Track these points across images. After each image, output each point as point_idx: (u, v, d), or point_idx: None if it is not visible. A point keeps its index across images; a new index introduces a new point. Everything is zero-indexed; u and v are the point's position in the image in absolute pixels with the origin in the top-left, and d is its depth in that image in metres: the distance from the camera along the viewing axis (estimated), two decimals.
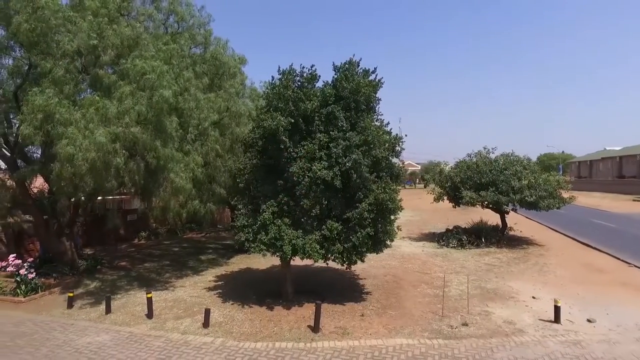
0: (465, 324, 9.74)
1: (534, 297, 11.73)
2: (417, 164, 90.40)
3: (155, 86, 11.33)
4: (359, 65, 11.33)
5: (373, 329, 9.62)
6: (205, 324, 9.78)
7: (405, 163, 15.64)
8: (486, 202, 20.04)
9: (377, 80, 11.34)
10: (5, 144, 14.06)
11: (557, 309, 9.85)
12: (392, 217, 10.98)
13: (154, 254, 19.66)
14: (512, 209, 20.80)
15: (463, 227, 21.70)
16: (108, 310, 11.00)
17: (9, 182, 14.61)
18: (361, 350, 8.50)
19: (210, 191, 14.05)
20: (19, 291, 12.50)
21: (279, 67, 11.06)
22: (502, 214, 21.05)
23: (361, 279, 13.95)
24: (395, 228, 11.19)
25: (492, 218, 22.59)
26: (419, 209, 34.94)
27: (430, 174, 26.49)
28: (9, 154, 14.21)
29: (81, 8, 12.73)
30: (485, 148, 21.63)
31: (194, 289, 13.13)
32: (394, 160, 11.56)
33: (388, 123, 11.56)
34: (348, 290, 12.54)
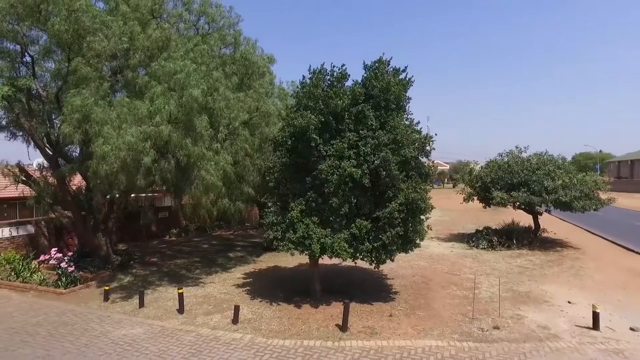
0: (496, 327, 9.50)
1: (569, 302, 11.32)
2: (445, 163, 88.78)
3: (185, 86, 11.61)
4: (389, 64, 11.24)
5: (401, 329, 9.52)
6: (235, 320, 9.93)
7: (434, 162, 15.34)
8: (518, 203, 19.46)
9: (407, 79, 11.22)
10: (48, 143, 14.74)
11: (595, 315, 9.43)
12: (423, 216, 10.85)
13: (184, 250, 20.14)
14: (546, 210, 20.13)
15: (493, 228, 21.18)
16: (141, 304, 11.33)
17: (51, 180, 15.30)
18: (389, 350, 8.43)
19: (239, 190, 14.25)
20: (60, 283, 13.08)
21: (310, 66, 11.15)
22: (535, 215, 20.42)
23: (389, 278, 13.84)
24: (426, 227, 11.05)
25: (524, 219, 21.95)
26: (447, 209, 34.30)
27: (459, 174, 26.02)
28: (51, 153, 14.88)
29: (117, 12, 13.21)
30: (517, 147, 21.03)
31: (223, 286, 13.35)
32: (423, 159, 11.42)
33: (418, 122, 11.44)
34: (376, 290, 12.46)
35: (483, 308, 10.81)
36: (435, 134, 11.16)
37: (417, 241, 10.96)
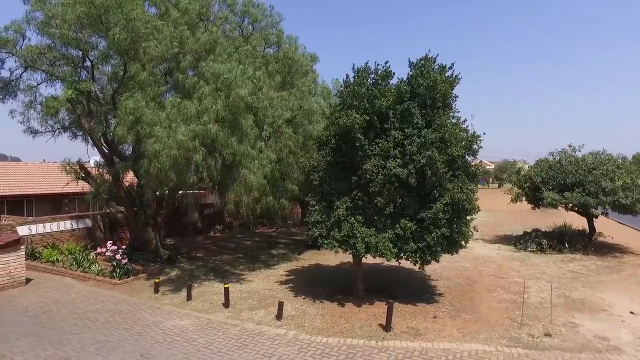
0: (548, 335, 9.09)
1: (632, 313, 10.57)
2: (490, 162, 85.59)
3: (232, 86, 11.92)
4: (435, 61, 11.01)
5: (446, 331, 9.33)
6: (279, 316, 10.09)
7: (481, 162, 14.85)
8: (571, 204, 18.44)
9: (454, 77, 10.94)
10: (105, 142, 15.63)
11: None
12: (468, 217, 10.57)
13: (228, 246, 20.70)
14: (602, 213, 18.95)
15: (543, 230, 20.25)
16: (189, 297, 11.75)
17: (107, 177, 16.21)
18: (434, 352, 8.28)
19: (283, 187, 14.46)
20: (114, 274, 13.82)
21: (353, 65, 11.09)
22: (590, 217, 19.31)
23: (433, 280, 13.58)
24: (472, 229, 10.75)
25: (577, 222, 20.80)
26: (493, 210, 33.14)
27: (506, 173, 25.04)
28: (107, 151, 15.77)
29: (167, 17, 13.78)
30: (570, 146, 19.93)
31: (266, 282, 13.61)
32: (469, 158, 11.10)
33: (465, 120, 11.13)
34: (419, 291, 12.28)
35: (533, 313, 10.38)
36: (484, 133, 10.84)
37: (463, 243, 10.67)
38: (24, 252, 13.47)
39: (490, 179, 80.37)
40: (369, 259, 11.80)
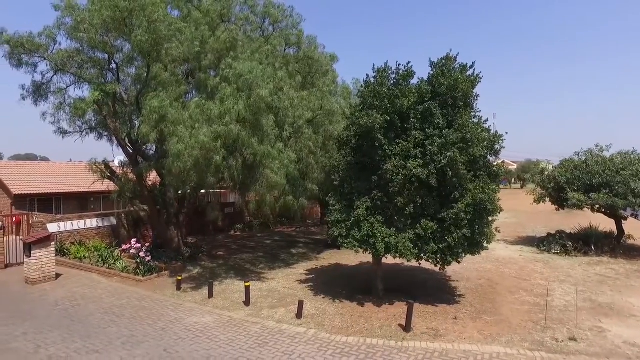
0: (573, 339, 8.88)
1: None
2: (512, 162, 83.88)
3: (253, 86, 12.07)
4: (456, 61, 10.92)
5: (467, 333, 9.23)
6: (299, 315, 10.18)
7: (503, 162, 14.59)
8: (597, 206, 17.95)
9: (475, 75, 10.82)
10: (129, 142, 16.04)
11: None
12: (490, 218, 10.43)
13: (248, 245, 20.94)
14: (632, 215, 18.35)
15: (568, 232, 19.75)
16: (210, 295, 11.95)
17: (131, 176, 16.63)
18: (454, 354, 8.21)
19: (303, 187, 14.56)
20: (138, 271, 14.17)
21: (374, 65, 11.10)
22: (618, 219, 18.73)
23: (453, 281, 13.45)
24: (494, 230, 10.61)
25: (603, 223, 20.21)
26: (515, 211, 32.50)
27: (529, 174, 24.54)
28: (131, 151, 16.18)
29: (189, 18, 14.05)
30: (597, 146, 19.37)
31: (286, 281, 13.73)
32: (491, 158, 10.95)
33: (486, 120, 10.99)
34: (439, 292, 12.18)
35: (557, 317, 10.17)
36: (506, 132, 10.68)
37: (484, 244, 10.54)
38: (54, 249, 13.97)
39: (513, 179, 78.85)
40: (388, 259, 11.77)
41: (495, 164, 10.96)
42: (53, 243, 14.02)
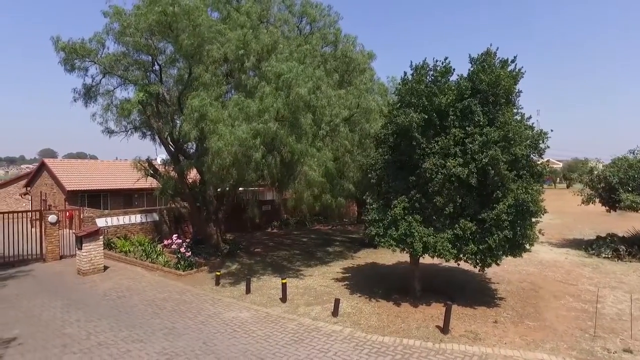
0: (628, 351, 8.30)
1: None
2: (558, 161, 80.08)
3: (292, 85, 12.19)
4: (496, 56, 10.56)
5: (508, 338, 8.93)
6: (335, 313, 10.19)
7: (548, 161, 13.83)
8: None
9: (517, 71, 10.43)
10: (171, 141, 16.64)
11: None
12: (534, 219, 10.03)
13: (285, 242, 21.20)
14: None
15: (620, 235, 18.65)
16: (248, 290, 12.18)
17: (172, 173, 17.24)
18: (495, 358, 7.96)
19: (340, 185, 14.57)
20: (179, 266, 14.68)
21: (411, 62, 10.92)
22: None
23: (493, 283, 13.04)
24: (537, 232, 10.19)
25: None
26: (560, 212, 31.04)
27: (577, 173, 23.37)
28: (173, 150, 16.77)
29: (230, 20, 14.37)
30: None
31: (322, 279, 13.79)
32: (535, 157, 10.51)
33: (530, 117, 10.56)
34: (478, 294, 11.84)
35: (608, 326, 9.60)
36: (551, 130, 10.22)
37: (527, 246, 10.14)
38: (102, 242, 14.73)
39: (558, 178, 75.29)
40: (425, 259, 11.58)
41: (539, 163, 10.51)
42: (101, 237, 14.77)
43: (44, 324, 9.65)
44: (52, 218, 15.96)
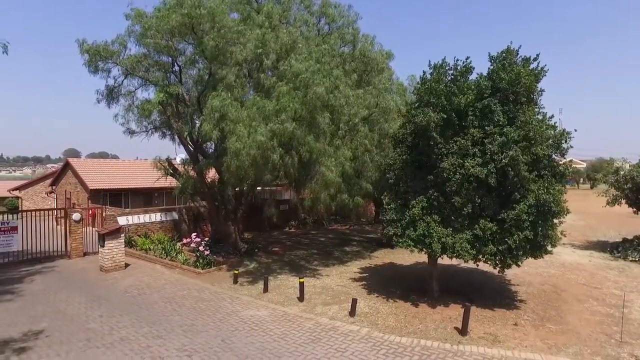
0: None
1: None
2: (581, 161, 78.01)
3: (309, 84, 12.22)
4: (517, 54, 10.38)
5: (529, 341, 8.76)
6: (352, 312, 10.18)
7: (571, 161, 13.42)
8: None
9: (539, 69, 10.22)
10: (190, 140, 16.89)
11: None
12: (555, 220, 9.82)
13: (303, 242, 21.26)
14: None
15: None
16: (265, 289, 12.27)
17: (191, 173, 17.49)
18: None
19: (357, 185, 14.55)
20: (198, 264, 14.88)
21: (430, 61, 10.83)
22: None
23: (513, 284, 12.81)
24: (559, 233, 9.97)
25: None
26: (583, 213, 30.27)
27: (601, 173, 22.76)
28: (192, 149, 17.02)
29: (250, 21, 14.49)
30: None
31: (340, 278, 13.78)
32: (556, 157, 10.28)
33: (552, 116, 10.34)
34: (498, 295, 11.66)
35: (636, 331, 9.30)
36: (575, 129, 10.00)
37: (548, 247, 9.94)
38: (123, 240, 15.05)
39: (581, 179, 73.40)
40: (444, 260, 11.46)
41: (561, 163, 10.28)
42: (123, 235, 15.10)
43: (69, 318, 9.95)
44: (76, 216, 16.39)
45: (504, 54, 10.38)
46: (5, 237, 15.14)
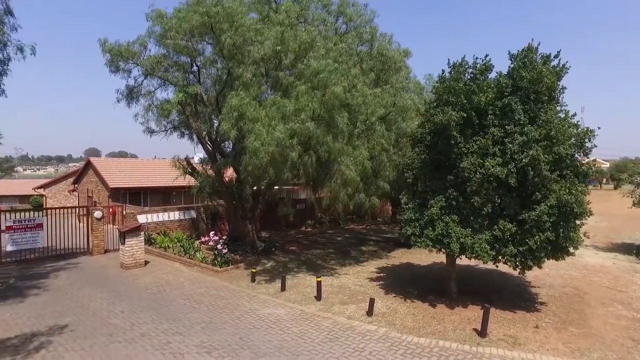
0: None
1: None
2: (604, 160, 75.97)
3: (327, 84, 12.22)
4: (538, 51, 10.19)
5: (550, 344, 8.60)
6: (369, 312, 10.16)
7: (595, 161, 12.96)
8: None
9: (561, 66, 10.01)
10: (209, 140, 17.08)
11: None
12: (578, 222, 9.61)
13: (319, 241, 21.29)
14: None
15: None
16: (283, 288, 12.33)
17: (210, 172, 17.69)
18: None
19: (375, 184, 14.50)
20: (216, 262, 15.05)
21: (449, 60, 10.73)
22: None
23: (533, 286, 12.59)
24: (582, 235, 9.76)
25: None
26: (606, 214, 29.54)
27: (626, 173, 22.19)
28: (210, 149, 17.20)
29: (268, 20, 14.57)
30: None
31: (357, 278, 13.75)
32: (579, 156, 10.04)
33: (574, 114, 10.12)
34: (518, 298, 11.47)
35: None
36: (598, 127, 9.75)
37: (570, 249, 9.75)
38: (143, 238, 15.32)
39: (604, 179, 71.57)
40: (462, 260, 11.33)
41: (584, 162, 10.05)
42: (142, 233, 15.38)
43: (91, 313, 10.19)
44: (97, 214, 16.77)
45: (525, 52, 10.21)
46: (31, 234, 15.61)
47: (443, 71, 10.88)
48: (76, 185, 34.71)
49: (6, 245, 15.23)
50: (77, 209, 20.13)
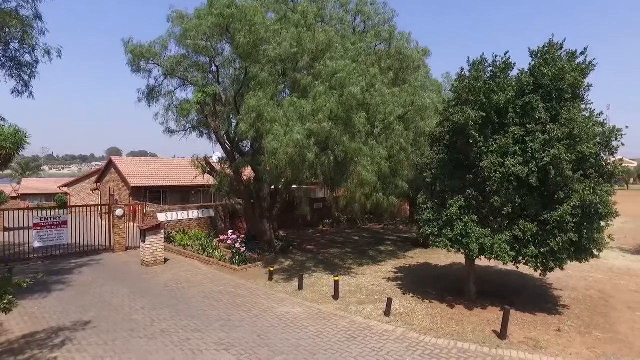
0: None
1: None
2: (632, 160, 73.51)
3: (345, 84, 12.20)
4: (561, 48, 9.93)
5: (573, 348, 8.39)
6: (387, 312, 10.11)
7: (622, 160, 12.42)
8: None
9: (587, 63, 9.72)
10: (227, 139, 17.26)
11: None
12: (603, 223, 9.34)
13: (337, 240, 21.30)
14: None
15: None
16: (300, 287, 12.37)
17: (228, 171, 17.87)
18: None
19: (393, 184, 14.41)
20: (234, 261, 15.21)
21: (468, 58, 10.55)
22: None
23: (555, 289, 12.32)
24: (607, 236, 9.48)
25: None
26: (633, 215, 28.65)
27: None
28: (229, 148, 17.39)
29: (285, 20, 14.63)
30: None
31: (374, 278, 13.71)
32: (604, 156, 9.74)
33: (600, 113, 9.83)
34: (539, 300, 11.24)
35: None
36: (626, 127, 9.44)
37: (594, 251, 9.48)
38: (163, 236, 15.60)
39: (632, 179, 69.39)
40: (482, 261, 11.17)
41: (611, 161, 9.74)
42: (162, 231, 15.65)
43: (113, 309, 10.44)
44: (119, 212, 17.15)
45: (546, 49, 9.96)
46: (57, 231, 16.10)
47: (462, 69, 10.71)
48: (98, 184, 35.56)
49: (34, 242, 15.74)
50: (100, 207, 20.63)
